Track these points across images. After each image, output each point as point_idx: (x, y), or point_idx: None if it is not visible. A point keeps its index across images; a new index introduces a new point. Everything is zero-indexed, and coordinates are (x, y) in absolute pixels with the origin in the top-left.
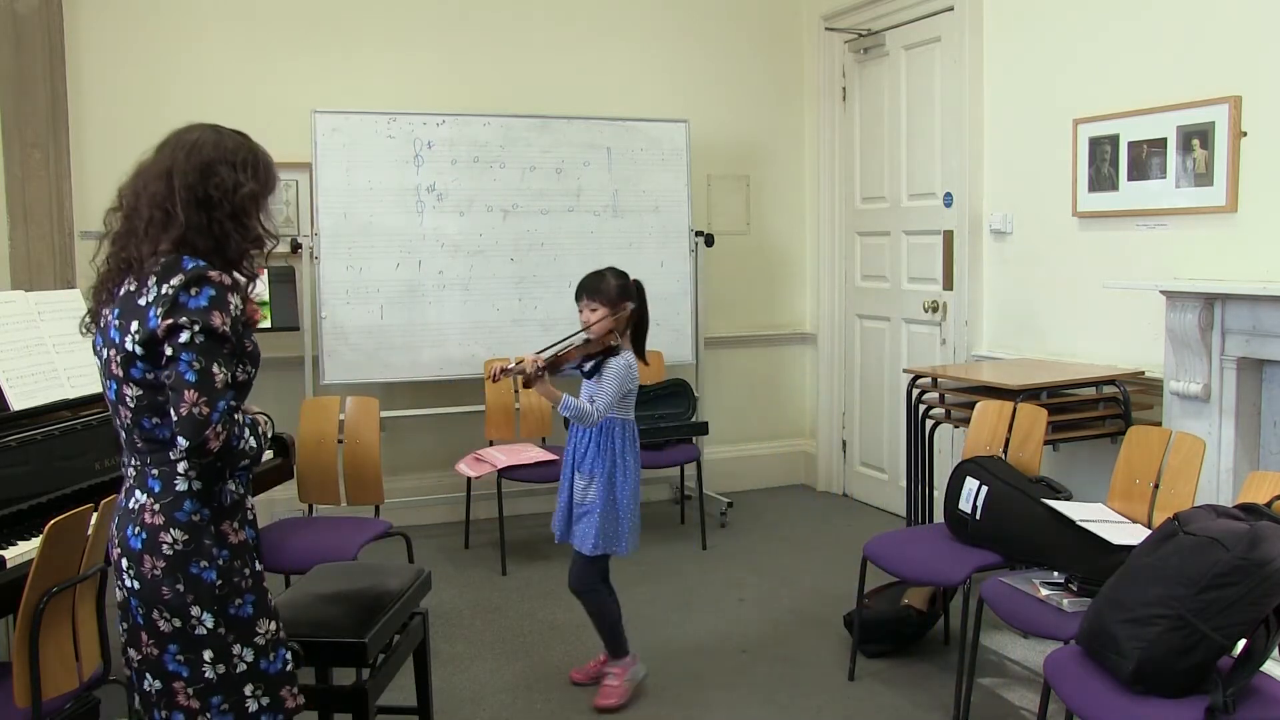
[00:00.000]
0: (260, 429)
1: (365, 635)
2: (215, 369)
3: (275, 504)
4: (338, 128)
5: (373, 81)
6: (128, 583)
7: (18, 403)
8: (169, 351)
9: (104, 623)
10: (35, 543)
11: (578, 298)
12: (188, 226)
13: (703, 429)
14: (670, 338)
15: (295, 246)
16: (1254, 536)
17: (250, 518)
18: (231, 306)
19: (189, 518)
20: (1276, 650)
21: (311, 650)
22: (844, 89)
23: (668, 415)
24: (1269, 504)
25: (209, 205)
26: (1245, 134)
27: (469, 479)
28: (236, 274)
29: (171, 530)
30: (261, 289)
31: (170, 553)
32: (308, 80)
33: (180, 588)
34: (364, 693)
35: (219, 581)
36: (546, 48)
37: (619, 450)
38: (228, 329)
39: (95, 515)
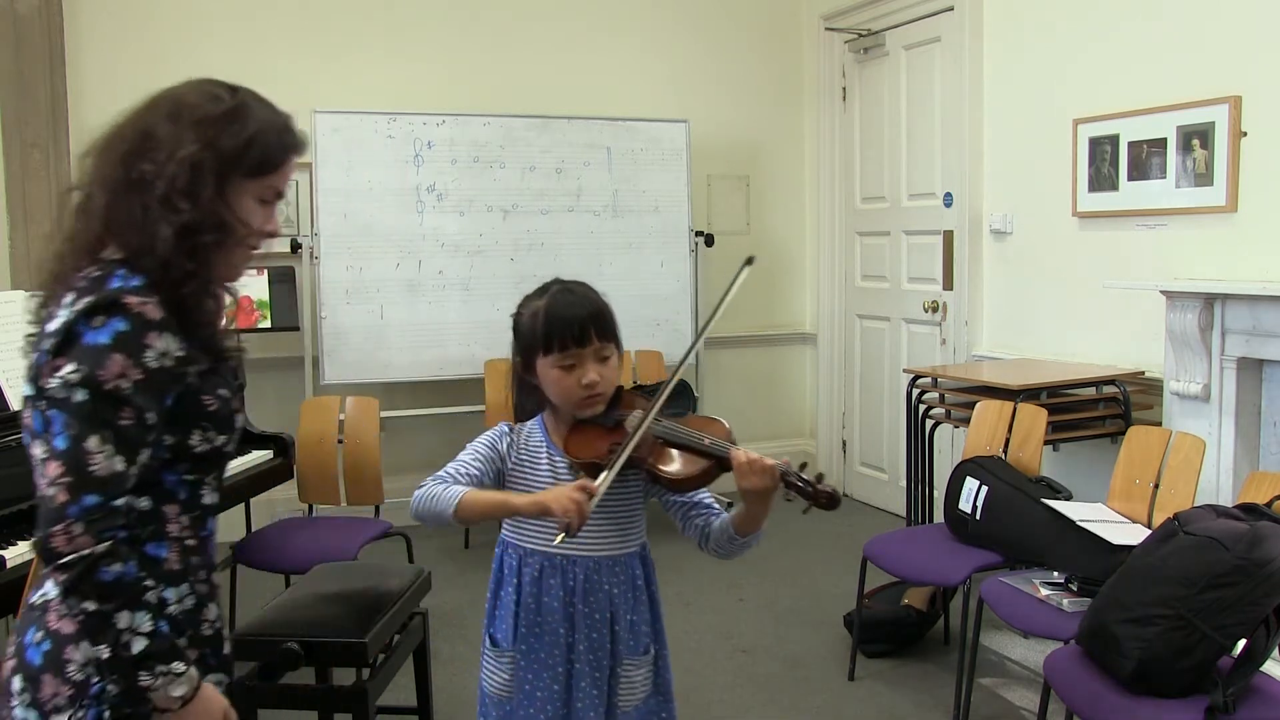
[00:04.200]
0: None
1: (365, 635)
2: (93, 443)
3: (275, 504)
4: (338, 128)
5: (373, 81)
6: (18, 715)
7: (18, 403)
8: (44, 401)
9: None
10: None
11: (580, 340)
12: (110, 220)
13: None
14: (670, 338)
15: (295, 246)
16: (1254, 536)
17: (208, 633)
18: (149, 354)
19: None
20: (1276, 650)
21: (311, 650)
22: (844, 89)
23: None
24: (1269, 504)
25: (141, 187)
26: (1245, 134)
27: None
28: (182, 301)
29: (84, 642)
30: (252, 290)
31: (80, 677)
32: (308, 80)
33: None
34: (364, 693)
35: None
36: (546, 47)
37: (657, 588)
38: (127, 387)
39: None
